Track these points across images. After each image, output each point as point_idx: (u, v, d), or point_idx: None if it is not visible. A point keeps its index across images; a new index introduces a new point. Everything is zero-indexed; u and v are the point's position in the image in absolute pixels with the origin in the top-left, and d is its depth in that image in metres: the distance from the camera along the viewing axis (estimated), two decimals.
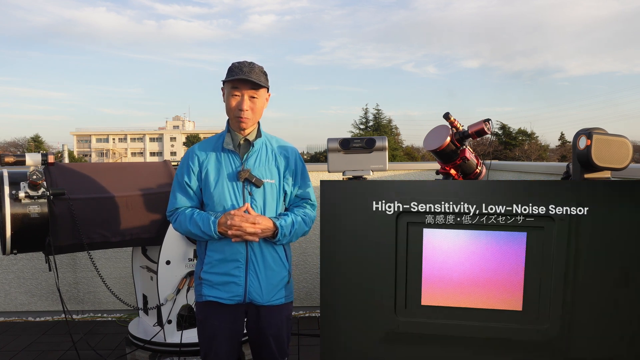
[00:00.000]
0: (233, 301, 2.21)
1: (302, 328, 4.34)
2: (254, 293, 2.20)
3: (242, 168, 2.21)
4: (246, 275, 2.19)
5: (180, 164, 2.30)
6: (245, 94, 2.18)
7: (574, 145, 1.91)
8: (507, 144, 39.91)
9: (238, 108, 2.18)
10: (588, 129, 1.88)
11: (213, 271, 2.21)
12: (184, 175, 2.25)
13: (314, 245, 4.79)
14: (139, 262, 3.55)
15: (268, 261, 2.22)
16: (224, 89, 2.24)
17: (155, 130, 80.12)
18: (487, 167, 2.48)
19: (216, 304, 2.22)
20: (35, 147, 50.30)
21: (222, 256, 2.19)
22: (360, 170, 2.06)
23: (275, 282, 2.25)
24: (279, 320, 2.28)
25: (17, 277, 4.70)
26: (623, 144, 1.86)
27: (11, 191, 2.83)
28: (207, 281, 2.23)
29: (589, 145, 1.82)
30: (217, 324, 2.24)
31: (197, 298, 2.30)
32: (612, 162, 1.84)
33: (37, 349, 3.98)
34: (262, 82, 2.18)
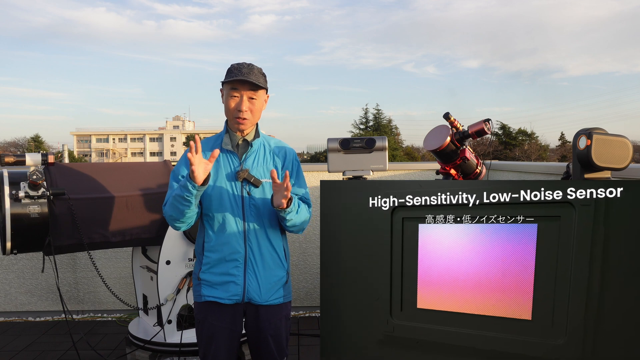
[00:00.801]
0: (232, 301, 2.21)
1: (302, 328, 4.34)
2: (253, 292, 2.21)
3: (241, 168, 2.21)
4: (245, 274, 2.20)
5: (180, 160, 2.30)
6: (244, 95, 2.19)
7: (574, 145, 1.91)
8: (507, 144, 39.89)
9: (237, 109, 2.19)
10: (588, 129, 1.88)
11: (212, 271, 2.22)
12: (182, 167, 2.24)
13: (314, 245, 4.79)
14: (139, 262, 3.55)
15: (267, 260, 2.23)
16: (223, 90, 2.25)
17: (155, 130, 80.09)
18: (487, 167, 2.48)
19: (215, 304, 2.23)
20: (35, 147, 50.28)
21: (221, 256, 2.19)
22: (360, 170, 2.06)
23: (274, 282, 2.25)
24: (277, 319, 2.28)
25: (17, 277, 4.70)
26: (623, 144, 1.86)
27: (11, 191, 2.83)
28: (206, 281, 2.23)
29: (589, 145, 1.82)
30: (216, 324, 2.24)
31: (196, 298, 2.31)
32: (612, 162, 1.84)
33: (37, 349, 3.97)
34: (261, 83, 2.18)
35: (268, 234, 2.24)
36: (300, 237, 4.78)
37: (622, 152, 1.85)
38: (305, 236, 4.81)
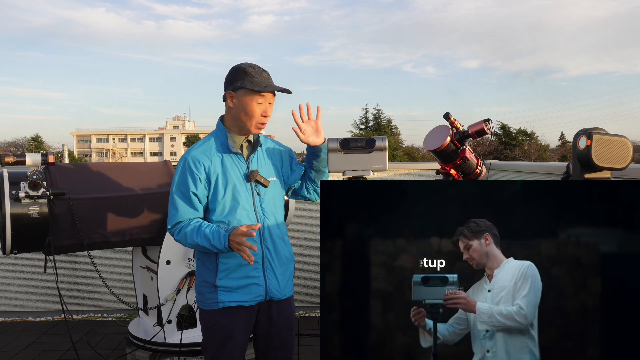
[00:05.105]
0: (255, 302, 2.21)
1: (302, 328, 4.34)
2: (274, 290, 2.23)
3: (249, 169, 2.21)
4: (264, 274, 2.20)
5: (181, 173, 2.20)
6: (267, 101, 2.20)
7: (574, 145, 1.91)
8: (507, 144, 39.90)
9: (263, 115, 2.18)
10: (588, 129, 1.88)
11: (231, 277, 2.18)
12: (189, 184, 2.16)
13: (314, 245, 4.80)
14: (139, 262, 3.55)
15: (281, 256, 2.26)
16: (235, 94, 2.18)
17: (155, 130, 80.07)
18: (487, 167, 2.48)
19: (232, 307, 2.20)
20: (35, 147, 50.26)
21: (239, 260, 2.13)
22: (360, 170, 2.06)
23: (288, 275, 2.30)
24: (289, 312, 2.33)
25: (17, 277, 4.70)
26: (623, 144, 1.87)
27: (11, 191, 2.83)
28: (225, 287, 2.18)
29: (589, 145, 1.82)
30: (232, 325, 2.21)
31: (209, 306, 2.22)
32: (612, 162, 1.84)
33: (37, 349, 3.97)
34: (286, 90, 2.23)
35: (280, 231, 2.27)
36: (300, 237, 4.79)
37: (622, 152, 1.86)
38: (305, 236, 4.81)
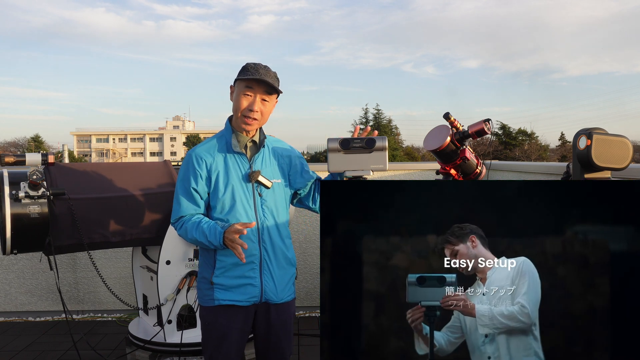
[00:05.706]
0: (249, 302, 2.21)
1: (302, 328, 4.34)
2: (270, 293, 2.22)
3: (252, 170, 2.21)
4: (261, 275, 2.20)
5: (184, 169, 2.23)
6: (258, 96, 2.16)
7: (574, 145, 1.91)
8: (507, 144, 39.88)
9: (249, 108, 2.16)
10: (588, 129, 1.88)
11: (227, 275, 2.19)
12: (191, 180, 2.19)
13: (314, 245, 4.79)
14: (139, 262, 3.55)
15: (280, 260, 2.24)
16: (235, 88, 2.21)
17: (155, 130, 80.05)
18: (487, 167, 2.48)
19: (228, 306, 2.21)
20: (35, 147, 50.25)
21: (236, 259, 2.12)
22: (360, 170, 2.06)
23: (287, 279, 2.28)
24: (287, 316, 2.31)
25: (17, 277, 4.70)
26: (623, 144, 1.87)
27: (11, 191, 2.83)
28: (221, 285, 2.20)
29: (589, 145, 1.82)
30: (228, 324, 2.22)
31: (206, 302, 2.25)
32: (612, 162, 1.84)
33: (37, 349, 3.98)
34: (276, 87, 2.18)
35: (280, 233, 2.25)
36: (300, 237, 4.79)
37: (622, 152, 1.86)
38: (305, 236, 4.81)
